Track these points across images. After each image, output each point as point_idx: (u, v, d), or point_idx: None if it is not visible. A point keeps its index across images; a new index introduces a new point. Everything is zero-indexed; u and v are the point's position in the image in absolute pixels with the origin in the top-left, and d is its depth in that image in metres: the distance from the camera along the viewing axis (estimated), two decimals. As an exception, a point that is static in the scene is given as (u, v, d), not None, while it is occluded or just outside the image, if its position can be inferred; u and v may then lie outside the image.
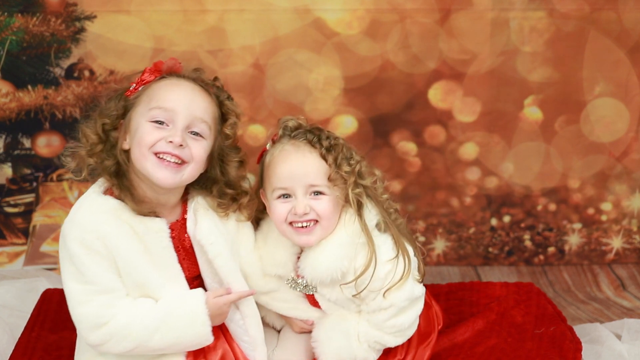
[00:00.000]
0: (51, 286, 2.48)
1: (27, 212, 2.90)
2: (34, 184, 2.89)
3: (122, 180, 1.80)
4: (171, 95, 1.78)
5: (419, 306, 1.91)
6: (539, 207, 3.01)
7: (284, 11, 2.79)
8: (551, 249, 3.04)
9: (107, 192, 1.82)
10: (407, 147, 2.95)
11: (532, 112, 2.94)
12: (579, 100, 2.92)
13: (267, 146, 1.93)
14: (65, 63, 2.81)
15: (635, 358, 2.22)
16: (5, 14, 2.75)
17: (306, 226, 1.83)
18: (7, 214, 2.90)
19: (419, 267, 1.90)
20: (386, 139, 2.93)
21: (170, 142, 1.74)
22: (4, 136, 2.85)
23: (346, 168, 1.81)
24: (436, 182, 2.97)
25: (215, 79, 1.90)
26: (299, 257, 1.91)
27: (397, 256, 1.82)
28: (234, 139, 1.88)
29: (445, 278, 2.91)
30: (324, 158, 1.83)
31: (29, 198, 2.90)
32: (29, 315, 2.27)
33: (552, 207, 3.01)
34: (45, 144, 2.87)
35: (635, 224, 3.04)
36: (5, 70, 2.79)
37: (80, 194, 1.89)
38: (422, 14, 2.82)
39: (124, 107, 1.81)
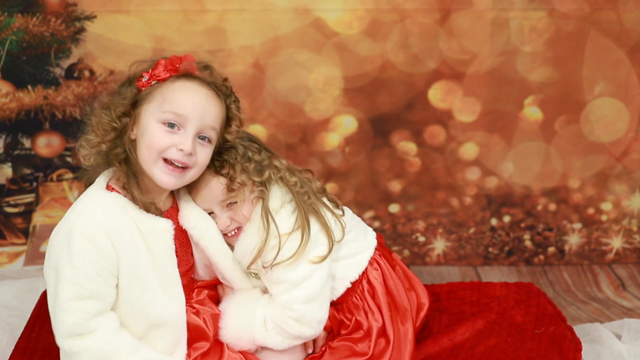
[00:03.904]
0: (51, 286, 2.47)
1: (27, 212, 2.90)
2: (34, 184, 2.89)
3: (130, 168, 1.82)
4: (186, 100, 1.80)
5: (313, 285, 1.94)
6: (539, 207, 3.01)
7: (284, 11, 2.79)
8: (551, 249, 3.04)
9: (109, 188, 1.83)
10: (407, 147, 2.95)
11: (532, 112, 2.94)
12: (579, 100, 2.92)
13: None
14: (65, 63, 2.81)
15: (635, 358, 2.22)
16: (5, 14, 2.75)
17: (234, 234, 1.98)
18: (7, 214, 2.90)
19: (329, 243, 1.96)
20: (386, 139, 2.93)
21: (181, 150, 1.77)
22: (4, 136, 2.85)
23: (239, 178, 1.93)
24: (436, 182, 2.98)
25: (226, 79, 1.92)
26: None
27: (291, 232, 1.92)
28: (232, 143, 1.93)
29: (445, 278, 2.91)
30: (220, 175, 1.94)
31: (29, 198, 2.90)
32: (29, 315, 2.27)
33: (552, 207, 3.01)
34: (45, 144, 2.87)
35: (635, 224, 3.04)
36: (5, 70, 2.79)
37: (81, 194, 1.88)
38: (422, 14, 2.82)
39: (134, 97, 1.83)
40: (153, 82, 1.83)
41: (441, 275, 2.95)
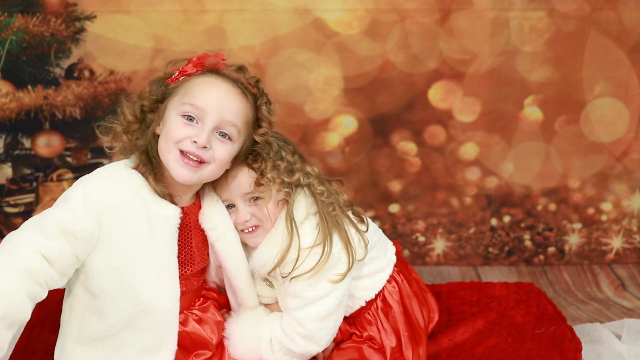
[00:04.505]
0: (51, 286, 2.47)
1: (27, 212, 2.90)
2: (34, 184, 2.89)
3: (150, 159, 1.83)
4: (206, 94, 1.80)
5: (329, 303, 1.92)
6: (539, 207, 3.01)
7: (284, 11, 2.79)
8: (551, 249, 3.04)
9: (135, 169, 1.85)
10: (407, 147, 2.95)
11: (532, 112, 2.94)
12: (579, 100, 2.92)
13: None
14: (65, 63, 2.81)
15: (635, 358, 2.22)
16: (5, 14, 2.75)
17: (251, 231, 1.95)
18: (7, 214, 2.90)
19: (350, 261, 1.93)
20: (386, 139, 2.93)
21: (195, 142, 1.77)
22: (4, 136, 2.85)
23: (270, 173, 1.91)
24: (436, 182, 2.98)
25: (258, 81, 1.90)
26: None
27: (312, 246, 1.89)
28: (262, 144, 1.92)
29: (445, 278, 2.91)
30: (251, 167, 1.92)
31: (29, 198, 2.90)
32: (29, 315, 2.27)
33: (552, 207, 3.01)
34: (45, 144, 2.87)
35: (635, 224, 3.04)
36: (5, 70, 2.79)
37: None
38: (422, 14, 2.82)
39: (162, 93, 1.85)
40: (181, 78, 1.85)
41: (441, 275, 2.95)
